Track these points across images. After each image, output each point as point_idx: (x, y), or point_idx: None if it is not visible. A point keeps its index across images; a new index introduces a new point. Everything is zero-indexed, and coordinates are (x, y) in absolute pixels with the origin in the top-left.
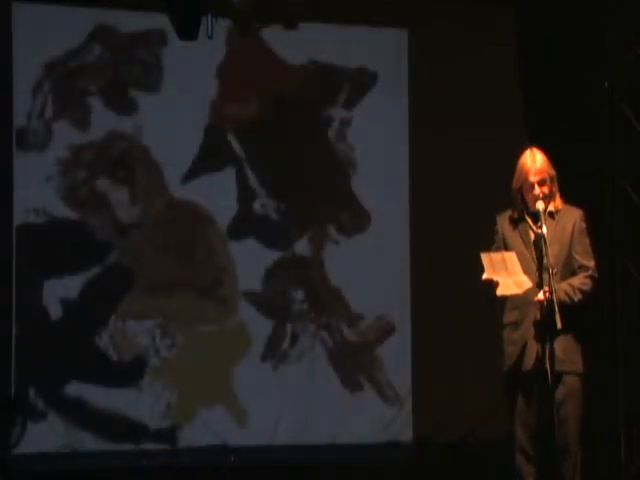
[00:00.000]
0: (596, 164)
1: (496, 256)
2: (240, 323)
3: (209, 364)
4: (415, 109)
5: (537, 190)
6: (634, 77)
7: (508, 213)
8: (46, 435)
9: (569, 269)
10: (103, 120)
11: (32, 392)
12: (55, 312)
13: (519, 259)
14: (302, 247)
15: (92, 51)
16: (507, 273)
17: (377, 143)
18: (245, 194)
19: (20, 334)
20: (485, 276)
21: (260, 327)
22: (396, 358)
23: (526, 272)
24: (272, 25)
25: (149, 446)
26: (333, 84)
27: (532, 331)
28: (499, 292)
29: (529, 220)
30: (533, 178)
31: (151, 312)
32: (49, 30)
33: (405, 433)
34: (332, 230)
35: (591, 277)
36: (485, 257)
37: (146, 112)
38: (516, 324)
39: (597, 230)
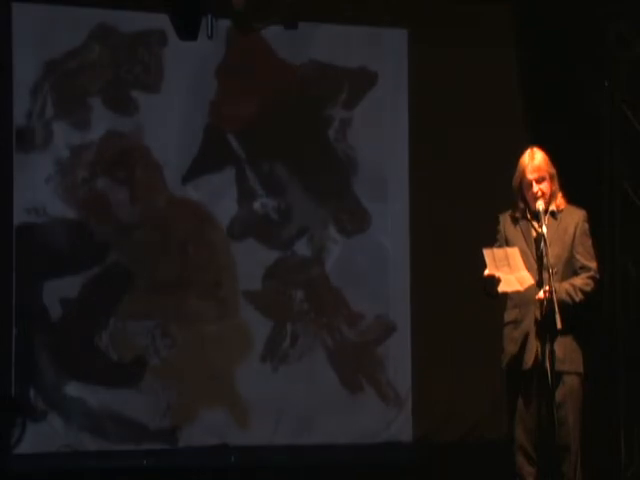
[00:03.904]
0: (596, 164)
1: (499, 252)
2: (240, 323)
3: (209, 364)
4: (415, 109)
5: (535, 188)
6: (634, 77)
7: (509, 212)
8: (46, 435)
9: (570, 269)
10: (103, 120)
11: (32, 392)
12: (55, 312)
13: (521, 256)
14: (302, 247)
15: (92, 51)
16: (509, 269)
17: (377, 143)
18: (245, 194)
19: (20, 334)
20: (487, 272)
21: (260, 327)
22: (396, 358)
23: (528, 269)
24: (272, 25)
25: (149, 446)
26: (333, 84)
27: (532, 330)
28: (500, 289)
29: (531, 218)
30: (530, 176)
31: (151, 312)
32: (49, 30)
33: (405, 433)
34: (332, 230)
35: (593, 278)
36: (488, 253)
37: (146, 112)
38: (516, 322)
39: (597, 230)
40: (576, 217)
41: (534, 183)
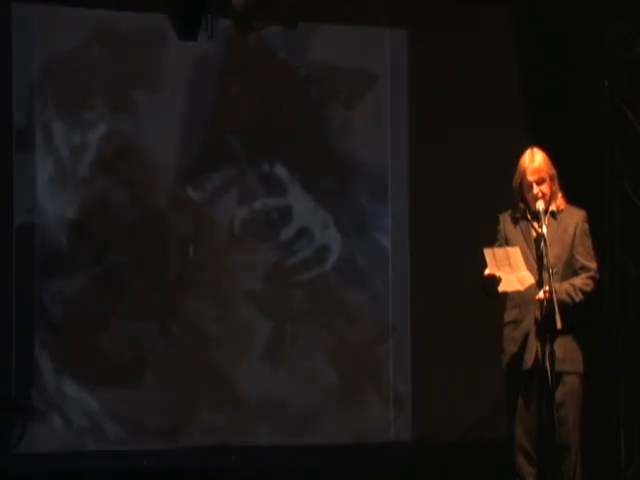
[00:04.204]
0: (596, 164)
1: (499, 251)
2: (240, 323)
3: (209, 364)
4: (415, 109)
5: (535, 189)
6: (634, 77)
7: (509, 211)
8: (46, 435)
9: (570, 269)
10: (103, 120)
11: (32, 392)
12: (55, 312)
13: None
14: (302, 247)
15: (92, 51)
16: (510, 269)
17: (377, 143)
18: (245, 194)
19: (20, 334)
20: (487, 271)
21: (260, 327)
22: (396, 358)
23: (528, 270)
24: (272, 25)
25: (149, 446)
26: (333, 84)
27: (532, 330)
28: (501, 288)
29: (531, 219)
30: (531, 177)
31: (151, 312)
32: (49, 30)
33: (405, 433)
34: (332, 230)
35: (593, 278)
36: (488, 252)
37: (146, 112)
38: (516, 322)
39: (597, 230)
40: (576, 217)
41: (534, 185)
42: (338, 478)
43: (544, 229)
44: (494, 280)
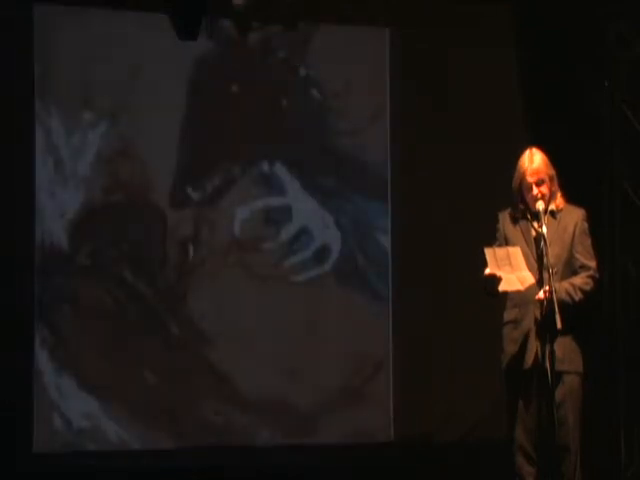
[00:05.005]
0: (596, 164)
1: (500, 251)
2: (241, 323)
3: (209, 364)
4: (415, 109)
5: (535, 191)
6: (634, 77)
7: (509, 210)
8: (46, 435)
9: (570, 269)
10: (103, 120)
11: (32, 392)
12: (55, 312)
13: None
14: (302, 247)
15: (92, 51)
16: (511, 268)
17: (378, 143)
18: (245, 194)
19: (20, 334)
20: (488, 271)
21: (260, 327)
22: (396, 358)
23: (528, 269)
24: (272, 25)
25: (149, 446)
26: (333, 84)
27: (532, 329)
28: (501, 288)
29: (530, 218)
30: (530, 179)
31: (151, 312)
32: (49, 30)
33: (405, 433)
34: (332, 230)
35: (592, 277)
36: (489, 252)
37: (146, 112)
38: (516, 322)
39: (597, 230)
40: (575, 216)
41: (534, 186)
42: (338, 478)
43: (544, 229)
44: (494, 280)
